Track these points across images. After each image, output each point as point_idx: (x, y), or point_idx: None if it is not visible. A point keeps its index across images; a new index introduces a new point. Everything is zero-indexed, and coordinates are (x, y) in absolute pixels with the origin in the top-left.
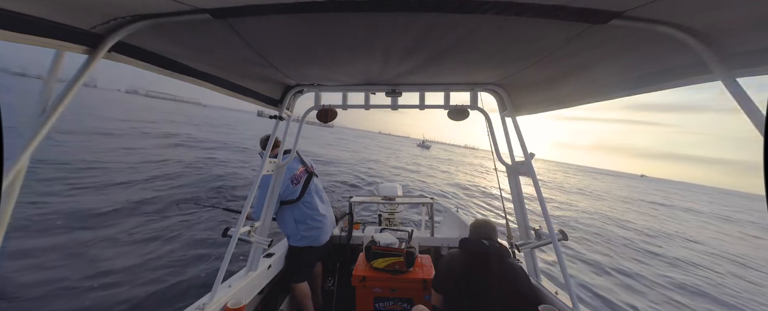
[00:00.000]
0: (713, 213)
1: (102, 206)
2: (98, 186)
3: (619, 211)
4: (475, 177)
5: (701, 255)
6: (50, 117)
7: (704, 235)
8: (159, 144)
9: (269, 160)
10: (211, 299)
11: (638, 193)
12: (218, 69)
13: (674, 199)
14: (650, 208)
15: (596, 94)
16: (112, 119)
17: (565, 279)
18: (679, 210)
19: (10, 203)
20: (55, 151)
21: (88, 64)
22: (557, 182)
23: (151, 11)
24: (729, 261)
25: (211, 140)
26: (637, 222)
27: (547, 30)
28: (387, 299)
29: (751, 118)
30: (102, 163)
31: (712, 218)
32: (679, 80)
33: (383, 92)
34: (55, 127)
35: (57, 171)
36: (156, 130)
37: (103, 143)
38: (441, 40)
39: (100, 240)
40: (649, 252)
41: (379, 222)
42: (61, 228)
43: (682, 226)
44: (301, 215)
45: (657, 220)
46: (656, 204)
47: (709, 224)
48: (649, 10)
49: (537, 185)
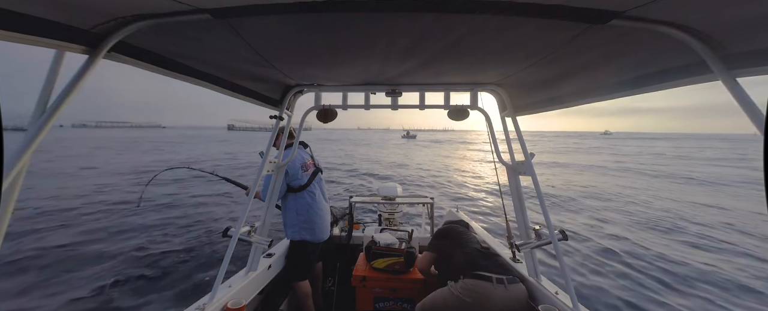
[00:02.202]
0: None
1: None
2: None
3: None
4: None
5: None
6: (50, 117)
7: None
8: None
9: (270, 160)
10: (211, 299)
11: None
12: (218, 69)
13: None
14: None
15: (596, 94)
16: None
17: (565, 279)
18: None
19: (10, 203)
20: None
21: (88, 64)
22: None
23: (152, 11)
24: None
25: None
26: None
27: (547, 30)
28: (387, 299)
29: (751, 118)
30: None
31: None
32: (679, 79)
33: (383, 92)
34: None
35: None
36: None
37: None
38: (441, 40)
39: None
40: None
41: (379, 222)
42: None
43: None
44: (303, 205)
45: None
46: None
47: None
48: (649, 10)
49: (537, 185)
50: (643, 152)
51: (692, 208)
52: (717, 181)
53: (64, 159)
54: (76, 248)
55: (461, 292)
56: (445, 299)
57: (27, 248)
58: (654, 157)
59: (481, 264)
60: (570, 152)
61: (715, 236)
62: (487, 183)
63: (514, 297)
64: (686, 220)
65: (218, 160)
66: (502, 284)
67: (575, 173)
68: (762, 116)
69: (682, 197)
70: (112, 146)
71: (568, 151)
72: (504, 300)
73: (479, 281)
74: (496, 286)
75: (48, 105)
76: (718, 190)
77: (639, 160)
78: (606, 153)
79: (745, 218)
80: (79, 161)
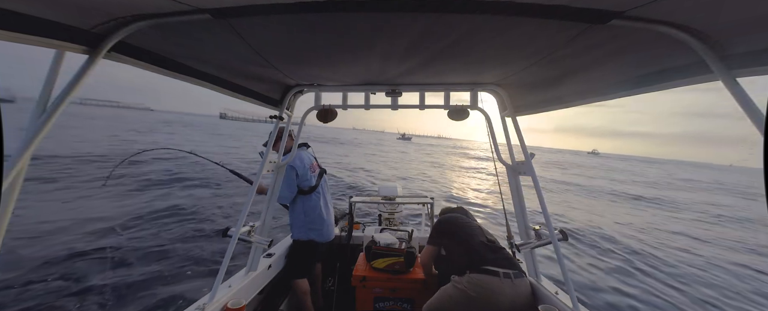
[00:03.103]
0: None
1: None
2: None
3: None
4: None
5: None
6: (50, 117)
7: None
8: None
9: (270, 160)
10: (212, 299)
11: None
12: (218, 69)
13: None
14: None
15: (596, 94)
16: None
17: (565, 279)
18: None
19: (10, 203)
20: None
21: (88, 64)
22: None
23: (152, 11)
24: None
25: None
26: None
27: (547, 30)
28: (387, 299)
29: (751, 118)
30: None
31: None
32: (679, 79)
33: (383, 92)
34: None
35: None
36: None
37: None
38: (441, 40)
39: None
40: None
41: (379, 222)
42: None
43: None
44: (311, 206)
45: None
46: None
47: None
48: (649, 10)
49: (537, 185)
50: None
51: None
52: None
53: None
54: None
55: (467, 286)
56: (450, 296)
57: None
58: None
59: (489, 258)
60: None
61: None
62: (486, 186)
63: (520, 292)
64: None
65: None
66: (510, 278)
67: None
68: (762, 116)
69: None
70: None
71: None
72: (511, 296)
73: (486, 276)
74: (503, 281)
75: (48, 105)
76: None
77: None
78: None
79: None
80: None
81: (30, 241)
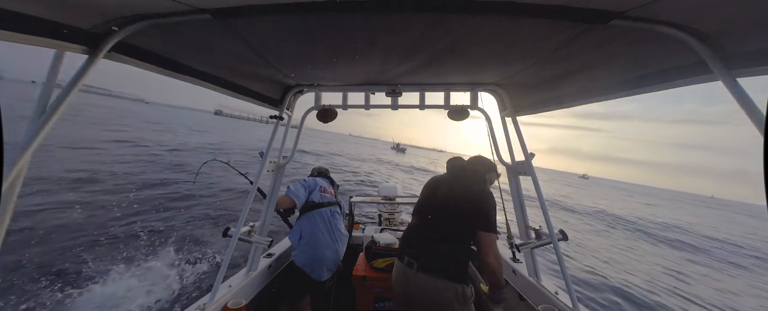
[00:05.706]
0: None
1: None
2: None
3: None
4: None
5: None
6: (50, 118)
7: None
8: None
9: (270, 160)
10: (212, 299)
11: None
12: (218, 69)
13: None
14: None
15: (596, 94)
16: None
17: (565, 279)
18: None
19: (10, 203)
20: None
21: (88, 64)
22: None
23: (152, 11)
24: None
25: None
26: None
27: (547, 30)
28: (387, 299)
29: (752, 118)
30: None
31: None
32: (679, 79)
33: (383, 92)
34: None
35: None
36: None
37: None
38: (441, 40)
39: None
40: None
41: (379, 222)
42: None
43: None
44: (308, 228)
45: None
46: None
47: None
48: (649, 10)
49: (537, 184)
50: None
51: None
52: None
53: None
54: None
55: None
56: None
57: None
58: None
59: (411, 242)
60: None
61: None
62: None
63: (422, 285)
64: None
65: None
66: (411, 268)
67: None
68: (762, 116)
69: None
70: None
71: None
72: (417, 289)
73: (398, 261)
74: (406, 268)
75: (48, 105)
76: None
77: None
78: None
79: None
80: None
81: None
